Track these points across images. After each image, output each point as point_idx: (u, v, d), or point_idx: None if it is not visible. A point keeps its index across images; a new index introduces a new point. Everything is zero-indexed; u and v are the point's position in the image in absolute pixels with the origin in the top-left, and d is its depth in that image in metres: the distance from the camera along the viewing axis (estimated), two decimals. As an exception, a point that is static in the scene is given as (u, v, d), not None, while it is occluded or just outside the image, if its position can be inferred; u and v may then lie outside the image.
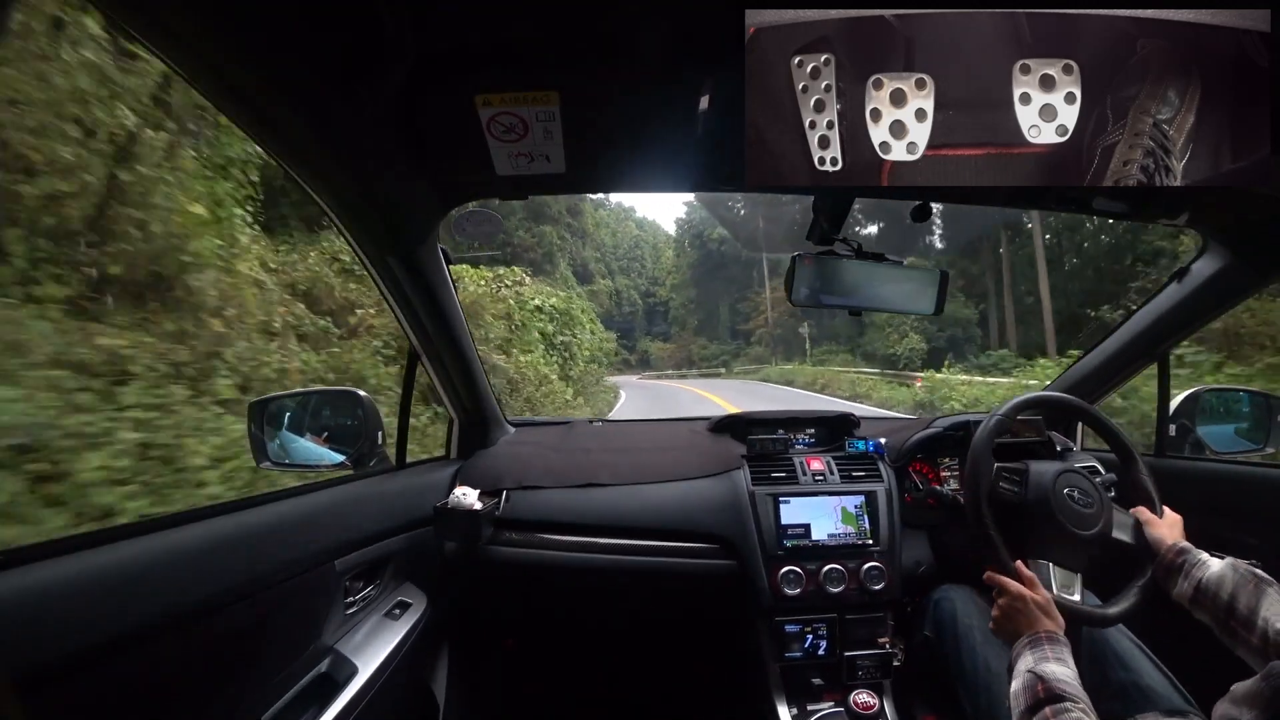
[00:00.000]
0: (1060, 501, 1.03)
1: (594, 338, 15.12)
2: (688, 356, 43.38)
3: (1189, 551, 0.96)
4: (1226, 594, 0.85)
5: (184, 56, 0.64)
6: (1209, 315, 1.34)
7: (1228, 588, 0.86)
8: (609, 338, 19.70)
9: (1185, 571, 0.93)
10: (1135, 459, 1.11)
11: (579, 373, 12.11)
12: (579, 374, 12.09)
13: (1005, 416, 1.12)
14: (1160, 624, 1.01)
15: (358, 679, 0.98)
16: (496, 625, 1.65)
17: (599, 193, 1.28)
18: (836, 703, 1.31)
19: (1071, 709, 0.70)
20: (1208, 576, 0.89)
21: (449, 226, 1.18)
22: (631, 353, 53.09)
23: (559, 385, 9.55)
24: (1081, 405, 1.20)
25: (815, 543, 1.35)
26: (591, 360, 13.80)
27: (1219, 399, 1.52)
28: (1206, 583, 0.89)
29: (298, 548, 0.91)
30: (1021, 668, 0.81)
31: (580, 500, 1.41)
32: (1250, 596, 0.82)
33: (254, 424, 1.18)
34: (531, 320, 10.03)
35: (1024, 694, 0.76)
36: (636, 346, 55.26)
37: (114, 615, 0.61)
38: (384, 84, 0.72)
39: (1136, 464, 1.11)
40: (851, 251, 1.08)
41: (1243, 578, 0.85)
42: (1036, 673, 0.77)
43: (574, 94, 0.79)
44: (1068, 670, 0.78)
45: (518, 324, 9.21)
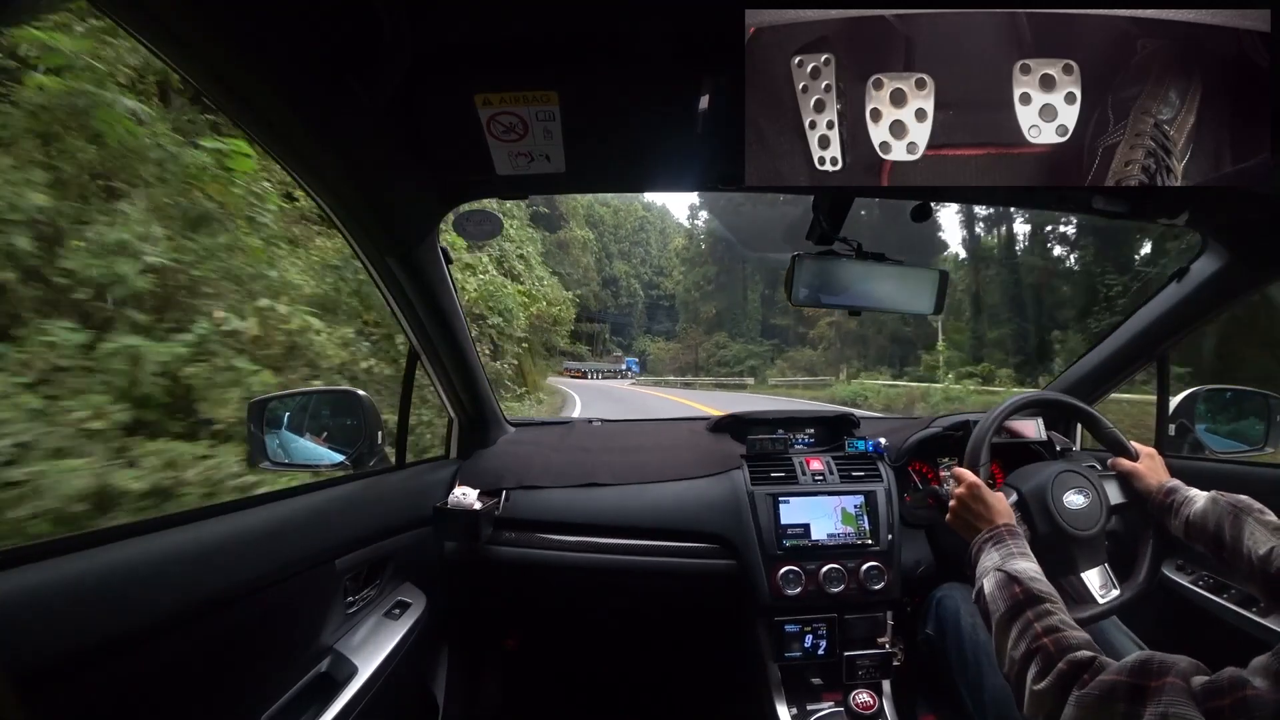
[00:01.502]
0: (1059, 502, 1.03)
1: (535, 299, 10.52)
2: (694, 360, 34.47)
3: (1176, 490, 0.98)
4: (1212, 527, 0.88)
5: (183, 55, 0.64)
6: (1208, 315, 1.34)
7: (1212, 521, 0.88)
8: (564, 301, 14.51)
9: (1175, 510, 0.96)
10: (1098, 421, 1.13)
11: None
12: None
13: (1003, 413, 1.12)
14: (1163, 625, 1.01)
15: (358, 678, 0.98)
16: (496, 625, 1.65)
17: (599, 192, 1.28)
18: (836, 702, 1.31)
19: (1052, 610, 0.71)
20: (1193, 513, 0.92)
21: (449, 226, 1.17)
22: (627, 352, 48.93)
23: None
24: (1078, 405, 1.20)
25: (815, 542, 1.35)
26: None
27: (1218, 399, 1.52)
28: (1193, 518, 0.92)
29: (298, 547, 0.91)
30: (988, 565, 0.82)
31: (580, 500, 1.41)
32: (1233, 527, 0.85)
33: (253, 424, 1.18)
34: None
35: (1000, 595, 0.76)
36: (634, 345, 51.12)
37: (114, 615, 0.61)
38: (383, 84, 0.72)
39: (1099, 423, 1.13)
40: (851, 251, 1.09)
41: (1223, 510, 0.88)
42: (1008, 572, 0.78)
43: (574, 94, 0.79)
44: (1034, 565, 0.80)
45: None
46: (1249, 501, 0.87)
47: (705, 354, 34.59)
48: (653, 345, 45.69)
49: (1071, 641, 0.66)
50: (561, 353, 38.02)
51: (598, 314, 50.51)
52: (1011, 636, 0.71)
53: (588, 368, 38.16)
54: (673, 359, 37.10)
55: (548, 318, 13.29)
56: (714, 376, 30.64)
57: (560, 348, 24.71)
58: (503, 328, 7.98)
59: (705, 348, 34.52)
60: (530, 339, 10.85)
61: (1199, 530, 0.90)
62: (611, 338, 53.81)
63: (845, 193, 1.02)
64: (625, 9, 0.69)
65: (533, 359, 12.63)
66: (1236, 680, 0.51)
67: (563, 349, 40.66)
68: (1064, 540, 1.02)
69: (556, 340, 16.13)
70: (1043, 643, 0.67)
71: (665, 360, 38.28)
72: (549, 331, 14.50)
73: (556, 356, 38.71)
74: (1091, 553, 1.04)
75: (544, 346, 16.11)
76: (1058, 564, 1.05)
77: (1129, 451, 1.08)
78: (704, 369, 33.32)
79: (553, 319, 13.84)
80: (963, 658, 1.12)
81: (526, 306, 9.79)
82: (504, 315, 7.99)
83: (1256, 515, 0.84)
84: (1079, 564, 1.04)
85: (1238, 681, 0.51)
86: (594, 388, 24.93)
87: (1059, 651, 0.65)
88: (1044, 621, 0.70)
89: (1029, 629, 0.70)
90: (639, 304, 54.60)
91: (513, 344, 8.58)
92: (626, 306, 53.59)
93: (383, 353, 3.84)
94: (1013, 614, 0.73)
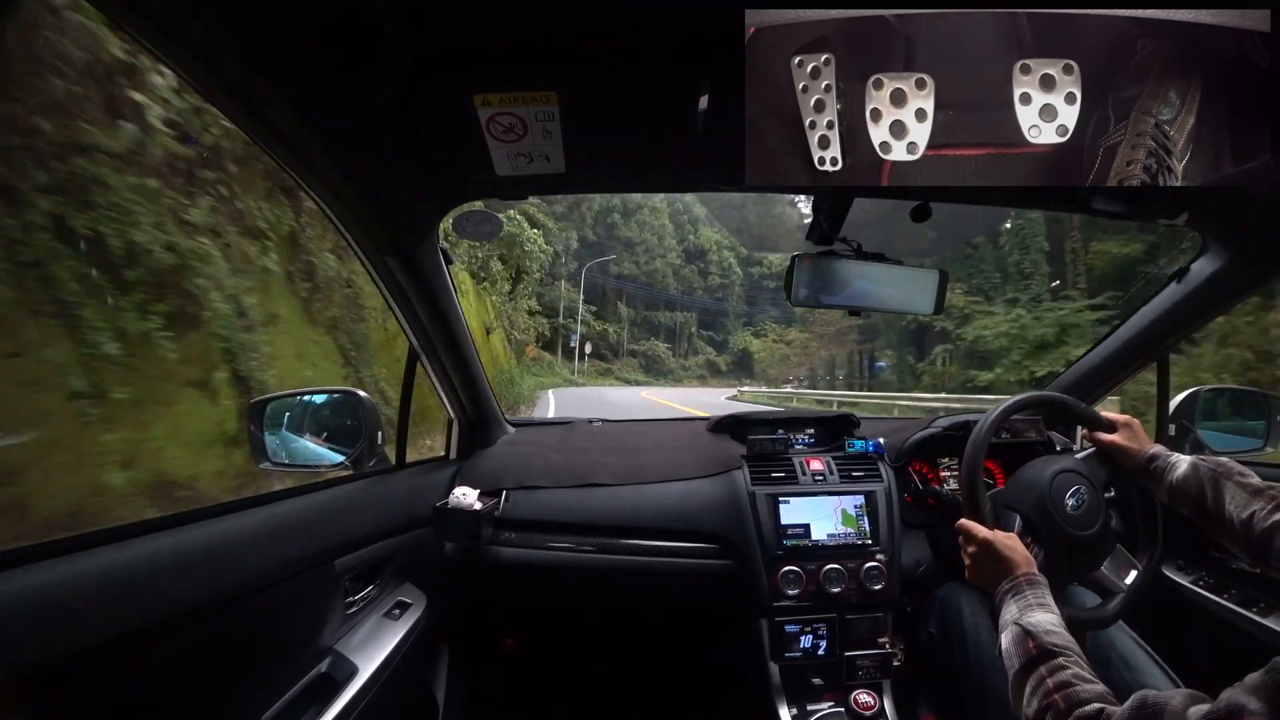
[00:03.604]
0: (1057, 502, 1.03)
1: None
2: (832, 360, 21.07)
3: (1159, 456, 0.98)
4: (1194, 493, 0.89)
5: (182, 56, 0.64)
6: (1208, 315, 1.34)
7: (1194, 487, 0.89)
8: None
9: (1159, 476, 0.96)
10: (1072, 406, 1.14)
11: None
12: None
13: (1002, 415, 1.12)
14: (1164, 625, 1.01)
15: (358, 679, 0.98)
16: (496, 625, 1.65)
17: (599, 192, 1.28)
18: (836, 702, 1.31)
19: (1066, 665, 0.70)
20: (1176, 479, 0.93)
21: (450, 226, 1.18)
22: (720, 351, 40.56)
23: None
24: (1077, 405, 1.20)
25: (815, 543, 1.35)
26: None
27: (1218, 398, 1.52)
28: (1176, 484, 0.93)
29: (298, 548, 0.91)
30: (1007, 618, 0.81)
31: (580, 500, 1.41)
32: (1214, 492, 0.86)
33: (253, 424, 1.18)
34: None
35: (1015, 651, 0.76)
36: (730, 342, 42.31)
37: (114, 615, 0.61)
38: (383, 84, 0.72)
39: (1071, 406, 1.13)
40: (851, 251, 1.09)
41: (1204, 475, 0.88)
42: (1023, 626, 0.77)
43: (573, 94, 0.79)
44: (1052, 617, 0.78)
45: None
46: (1229, 465, 0.87)
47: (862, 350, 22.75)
48: (756, 342, 36.50)
49: (1081, 696, 0.66)
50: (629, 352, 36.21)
51: (679, 298, 43.43)
52: (1026, 693, 0.71)
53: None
54: (799, 355, 25.15)
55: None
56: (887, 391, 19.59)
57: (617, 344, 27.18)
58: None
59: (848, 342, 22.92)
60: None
61: (1182, 496, 0.91)
62: (701, 331, 44.93)
63: (845, 193, 1.02)
64: (625, 9, 0.69)
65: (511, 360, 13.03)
66: (1234, 707, 0.51)
67: (632, 347, 38.28)
68: (1078, 545, 1.03)
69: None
70: (1053, 699, 0.67)
71: (772, 361, 28.10)
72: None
73: (625, 357, 36.80)
74: (1104, 544, 1.06)
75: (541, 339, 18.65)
76: (1079, 566, 1.06)
77: (1104, 424, 1.09)
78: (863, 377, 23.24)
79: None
80: (965, 657, 1.12)
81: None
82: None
83: (1236, 479, 0.84)
84: (1098, 559, 1.06)
85: (1235, 708, 0.51)
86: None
87: (1068, 708, 0.65)
88: (1056, 677, 0.69)
89: (1041, 685, 0.69)
90: (735, 284, 45.37)
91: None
92: (719, 289, 45.06)
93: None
94: (1026, 670, 0.73)
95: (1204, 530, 0.89)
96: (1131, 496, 1.12)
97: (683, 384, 38.52)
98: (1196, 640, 0.94)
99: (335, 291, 4.79)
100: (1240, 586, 1.24)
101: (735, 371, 39.60)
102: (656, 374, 39.50)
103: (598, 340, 36.38)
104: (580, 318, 33.99)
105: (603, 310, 39.77)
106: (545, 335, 29.73)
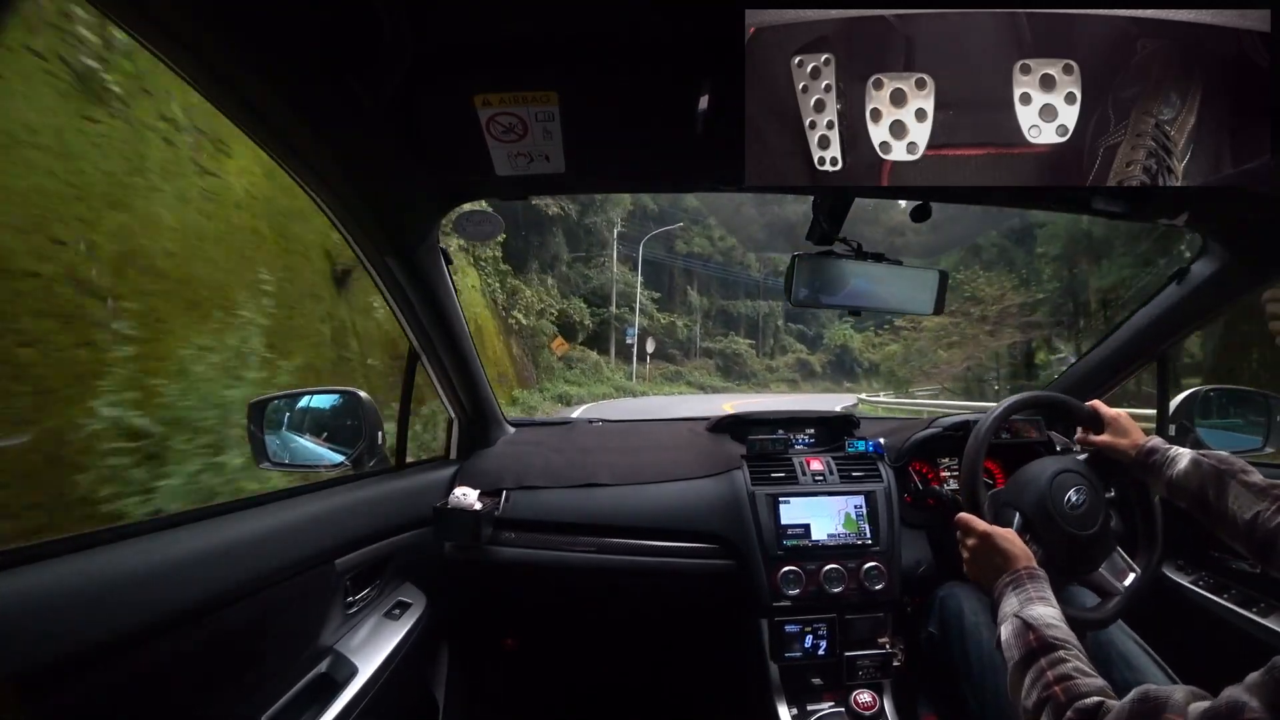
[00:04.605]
0: (1057, 502, 1.03)
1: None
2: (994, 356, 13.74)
3: (1156, 450, 0.97)
4: (1195, 488, 0.88)
5: (182, 56, 0.64)
6: (1208, 315, 1.34)
7: (1195, 483, 0.88)
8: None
9: (1157, 470, 0.95)
10: (1072, 406, 1.13)
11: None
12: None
13: (1003, 415, 1.12)
14: (1165, 625, 1.01)
15: (358, 679, 0.98)
16: (496, 625, 1.65)
17: (599, 192, 1.27)
18: (836, 702, 1.31)
19: (1066, 658, 0.70)
20: (1176, 474, 0.92)
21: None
22: (813, 348, 24.76)
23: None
24: (1077, 405, 1.20)
25: (815, 543, 1.35)
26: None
27: (1219, 398, 1.52)
28: (1176, 480, 0.92)
29: (298, 548, 0.91)
30: (1007, 611, 0.81)
31: (580, 500, 1.41)
32: (1217, 489, 0.85)
33: (253, 424, 1.18)
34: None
35: (1016, 643, 0.76)
36: (824, 337, 29.11)
37: (115, 615, 0.61)
38: (383, 84, 0.72)
39: (1065, 403, 1.13)
40: (851, 251, 1.09)
41: (1207, 471, 0.87)
42: (1024, 619, 0.77)
43: (574, 94, 0.79)
44: (1052, 610, 0.78)
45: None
46: (1232, 461, 0.87)
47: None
48: (857, 335, 28.54)
49: (1081, 689, 0.65)
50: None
51: (764, 283, 33.13)
52: (1025, 685, 0.71)
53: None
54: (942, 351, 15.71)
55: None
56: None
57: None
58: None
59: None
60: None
61: (1182, 491, 0.91)
62: (789, 325, 34.82)
63: (845, 193, 1.02)
64: (625, 9, 0.69)
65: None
66: (1235, 704, 0.51)
67: (706, 345, 27.20)
68: (1077, 545, 1.03)
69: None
70: (1053, 691, 0.67)
71: (909, 353, 17.18)
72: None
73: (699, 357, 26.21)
74: (1104, 545, 1.05)
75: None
76: (1078, 566, 1.06)
77: (1096, 422, 1.09)
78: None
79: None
80: (965, 657, 1.12)
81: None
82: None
83: (1240, 477, 0.83)
84: (1097, 559, 1.05)
85: (1236, 705, 0.51)
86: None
87: (1068, 700, 0.65)
88: (1056, 670, 0.69)
89: (1041, 677, 0.69)
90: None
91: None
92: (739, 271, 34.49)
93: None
94: (1026, 662, 0.73)
95: (1203, 525, 0.89)
96: (1131, 497, 1.12)
97: (769, 389, 29.36)
98: (1196, 640, 0.94)
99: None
100: (1240, 586, 1.24)
101: (832, 373, 31.35)
102: (736, 377, 30.03)
103: (663, 336, 27.35)
104: (639, 306, 25.29)
105: (669, 298, 30.02)
106: (587, 326, 22.45)
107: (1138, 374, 1.58)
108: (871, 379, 26.99)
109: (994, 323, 14.15)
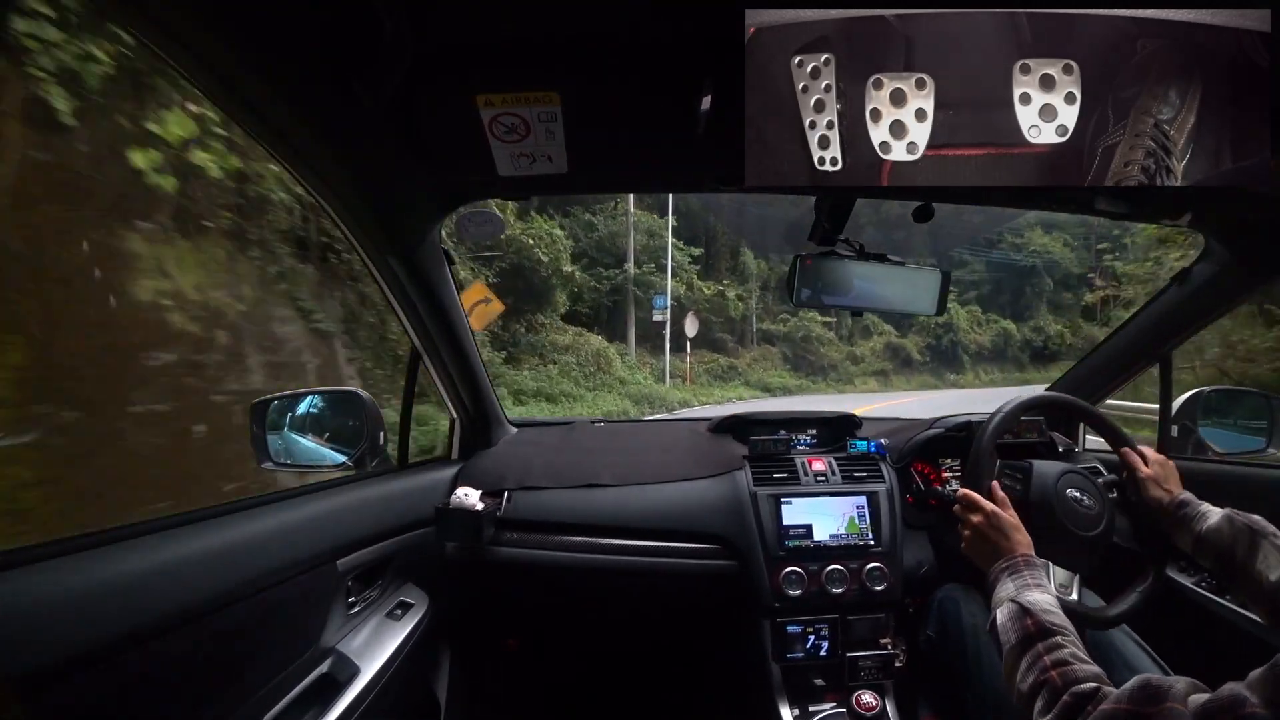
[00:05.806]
0: (1063, 502, 1.03)
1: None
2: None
3: (1189, 504, 0.96)
4: (1225, 546, 0.87)
5: (184, 56, 0.65)
6: (1210, 316, 1.34)
7: (1225, 540, 0.87)
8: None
9: (1186, 525, 0.94)
10: (1122, 436, 1.11)
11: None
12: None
13: (1008, 416, 1.12)
14: (1165, 625, 1.01)
15: (359, 679, 0.98)
16: (498, 625, 1.65)
17: (601, 193, 1.28)
18: (838, 703, 1.30)
19: (1063, 644, 0.71)
20: (1206, 529, 0.91)
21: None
22: (904, 330, 21.53)
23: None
24: (1082, 405, 1.19)
25: (817, 543, 1.35)
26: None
27: (1221, 399, 1.52)
28: (1206, 535, 0.90)
29: (300, 548, 0.91)
30: (1003, 595, 0.81)
31: (582, 500, 1.41)
32: (1246, 549, 0.84)
33: (255, 424, 1.18)
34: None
35: (1012, 626, 0.76)
36: (859, 323, 19.19)
37: (116, 616, 0.62)
38: (384, 84, 0.73)
39: (1121, 437, 1.11)
40: (853, 252, 1.09)
41: (1239, 530, 0.86)
42: (1021, 604, 0.77)
43: (575, 94, 0.79)
44: (1049, 597, 0.79)
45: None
46: (1264, 524, 0.86)
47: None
48: (963, 311, 22.36)
49: (1078, 674, 0.66)
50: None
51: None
52: (1021, 669, 0.71)
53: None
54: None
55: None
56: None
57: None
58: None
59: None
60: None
61: (1210, 547, 0.89)
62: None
63: (847, 193, 1.02)
64: (626, 9, 0.69)
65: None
66: (1236, 698, 0.51)
67: (765, 327, 17.91)
68: (1079, 545, 1.01)
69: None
70: (1050, 675, 0.67)
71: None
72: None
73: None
74: (1106, 547, 1.03)
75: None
76: (1078, 566, 1.04)
77: (1142, 458, 1.06)
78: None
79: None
80: (964, 658, 1.12)
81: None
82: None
83: (1272, 539, 0.83)
84: (1097, 561, 1.02)
85: (1237, 699, 0.51)
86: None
87: (1065, 685, 0.65)
88: (1053, 655, 0.69)
89: (1038, 662, 0.70)
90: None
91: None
92: (895, 221, 13.76)
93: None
94: (1023, 646, 0.73)
95: (1221, 582, 0.88)
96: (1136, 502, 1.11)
97: (854, 387, 19.69)
98: (1197, 641, 0.94)
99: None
100: None
101: (936, 365, 22.21)
102: (809, 372, 19.87)
103: (707, 313, 17.10)
104: (671, 269, 15.54)
105: (713, 262, 19.53)
106: (589, 297, 14.39)
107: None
108: (978, 368, 21.89)
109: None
